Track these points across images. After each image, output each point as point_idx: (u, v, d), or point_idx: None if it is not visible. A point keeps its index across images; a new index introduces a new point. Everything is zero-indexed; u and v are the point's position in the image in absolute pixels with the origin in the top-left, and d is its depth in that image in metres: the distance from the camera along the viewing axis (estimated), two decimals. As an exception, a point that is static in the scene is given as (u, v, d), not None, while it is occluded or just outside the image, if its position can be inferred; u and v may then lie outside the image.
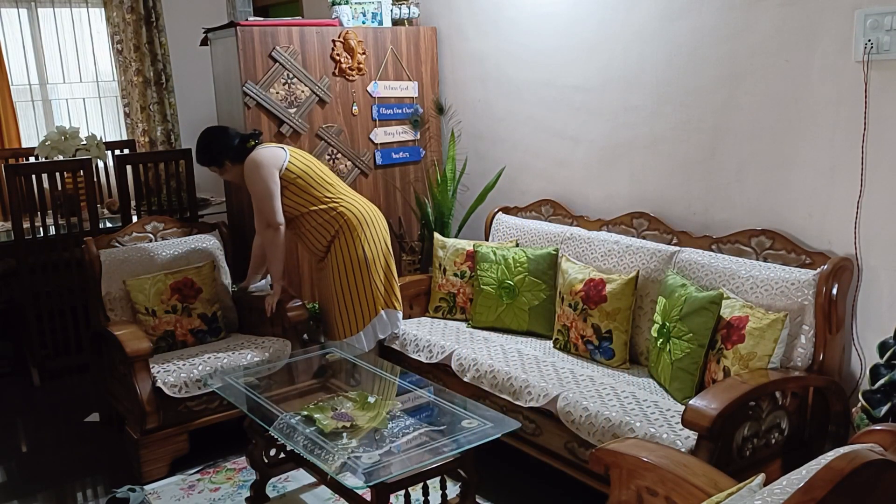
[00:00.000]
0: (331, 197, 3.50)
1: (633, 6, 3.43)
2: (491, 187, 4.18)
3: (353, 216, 3.48)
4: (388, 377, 2.97)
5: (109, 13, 5.34)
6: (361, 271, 3.48)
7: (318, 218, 3.48)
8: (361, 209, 3.53)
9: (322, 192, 3.49)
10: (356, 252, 3.46)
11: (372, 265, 3.50)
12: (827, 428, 2.67)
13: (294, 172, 3.45)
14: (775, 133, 2.98)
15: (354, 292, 3.48)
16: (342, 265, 3.47)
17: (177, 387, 3.23)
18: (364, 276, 3.48)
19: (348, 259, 3.47)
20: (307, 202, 3.47)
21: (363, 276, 3.48)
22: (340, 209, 3.48)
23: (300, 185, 3.46)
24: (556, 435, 2.84)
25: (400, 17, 4.46)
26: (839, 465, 1.34)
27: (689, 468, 1.90)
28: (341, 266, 3.47)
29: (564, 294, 3.31)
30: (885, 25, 2.57)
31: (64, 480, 3.37)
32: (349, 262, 3.47)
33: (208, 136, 3.56)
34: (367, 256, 3.48)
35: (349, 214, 3.47)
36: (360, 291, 3.48)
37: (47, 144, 4.67)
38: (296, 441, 2.44)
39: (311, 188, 3.47)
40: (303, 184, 3.46)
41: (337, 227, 3.46)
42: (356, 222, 3.47)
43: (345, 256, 3.47)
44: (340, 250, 3.47)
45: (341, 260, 3.47)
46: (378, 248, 3.53)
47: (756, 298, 2.77)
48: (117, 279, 3.61)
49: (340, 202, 3.50)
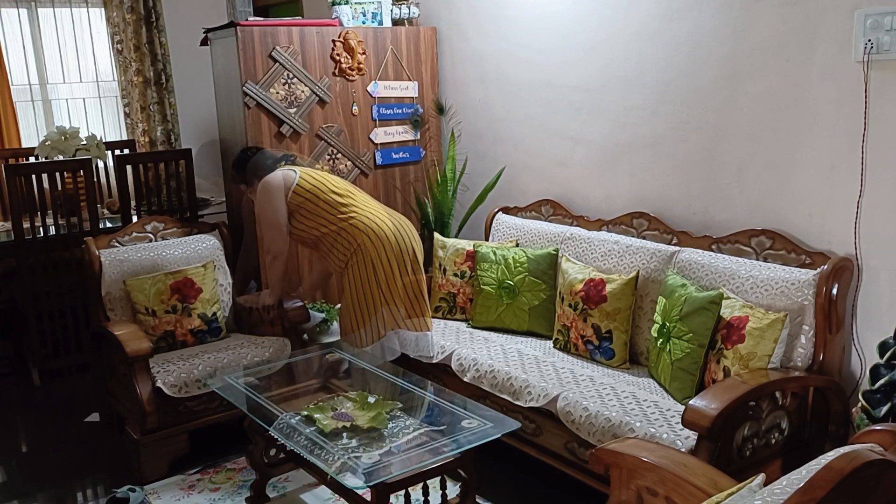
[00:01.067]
0: (344, 217, 3.35)
1: (633, 6, 3.43)
2: (491, 187, 4.18)
3: (368, 238, 3.32)
4: (388, 377, 2.97)
5: (109, 13, 5.34)
6: (373, 293, 3.34)
7: (334, 241, 3.37)
8: (380, 226, 3.35)
9: (335, 212, 3.36)
10: (369, 273, 3.32)
11: (385, 287, 3.34)
12: (827, 428, 2.66)
13: (302, 195, 3.37)
14: (775, 133, 2.98)
15: (365, 311, 3.35)
16: (356, 284, 3.34)
17: (177, 387, 3.23)
18: (376, 298, 3.34)
19: (362, 280, 3.33)
20: (320, 224, 3.38)
21: (375, 297, 3.34)
22: (354, 231, 3.33)
23: (309, 209, 3.38)
24: (556, 435, 2.84)
25: (400, 17, 4.46)
26: (839, 465, 1.34)
27: (689, 468, 1.90)
28: (356, 284, 3.34)
29: (564, 294, 3.31)
30: (885, 25, 2.57)
31: (64, 480, 3.37)
32: (362, 282, 3.33)
33: (244, 156, 3.57)
34: (379, 278, 3.32)
35: (364, 237, 3.32)
36: (371, 311, 3.35)
37: (47, 144, 4.67)
38: (296, 441, 2.44)
39: (321, 210, 3.37)
40: (312, 206, 3.37)
41: (352, 249, 3.33)
42: (370, 243, 3.31)
43: (359, 276, 3.33)
44: (354, 270, 3.34)
45: (355, 279, 3.34)
46: (396, 269, 3.35)
47: (756, 298, 2.77)
48: (117, 279, 3.61)
49: (354, 221, 3.34)
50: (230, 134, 4.12)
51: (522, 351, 3.28)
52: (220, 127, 4.28)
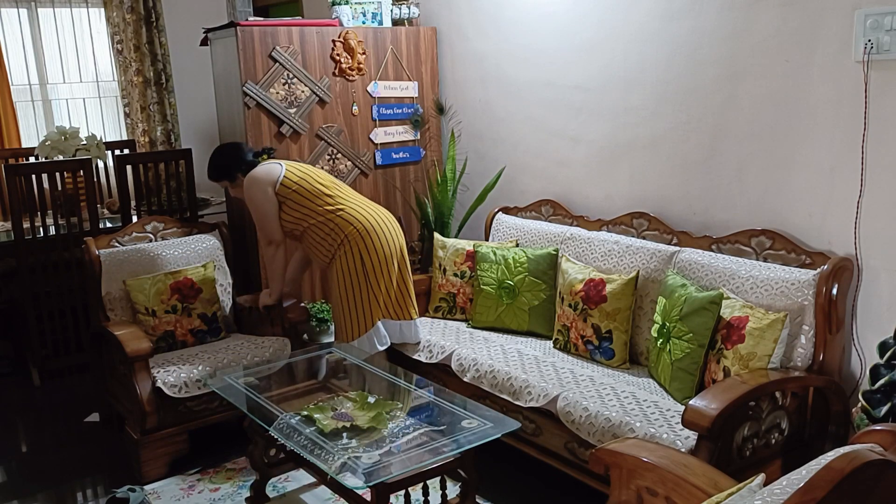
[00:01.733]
0: (331, 209, 3.38)
1: (633, 6, 3.43)
2: (491, 187, 4.18)
3: (355, 228, 3.35)
4: (388, 377, 2.97)
5: (109, 13, 5.34)
6: (360, 284, 3.36)
7: (320, 232, 3.38)
8: (367, 218, 3.39)
9: (322, 203, 3.39)
10: (357, 264, 3.35)
11: (372, 276, 3.37)
12: (827, 428, 2.66)
13: (289, 187, 3.39)
14: (775, 133, 2.98)
15: (353, 302, 3.38)
16: (343, 276, 3.37)
17: (177, 387, 3.23)
18: (363, 288, 3.37)
19: (348, 271, 3.36)
20: (306, 216, 3.39)
21: (362, 288, 3.37)
22: (341, 221, 3.36)
23: (297, 200, 3.39)
24: (556, 435, 2.84)
25: (400, 17, 4.46)
26: (839, 465, 1.34)
27: (689, 468, 1.90)
28: (342, 277, 3.37)
29: (564, 294, 3.31)
30: (885, 25, 2.57)
31: (64, 480, 3.37)
32: (349, 273, 3.36)
33: (221, 151, 3.61)
34: (367, 268, 3.36)
35: (350, 228, 3.35)
36: (359, 302, 3.38)
37: (47, 144, 4.68)
38: (296, 441, 2.44)
39: (307, 201, 3.39)
40: (299, 198, 3.39)
41: (339, 240, 3.35)
42: (357, 235, 3.34)
43: (345, 268, 3.36)
44: (341, 261, 3.36)
45: (342, 271, 3.36)
46: (383, 258, 3.39)
47: (756, 298, 2.77)
48: (117, 279, 3.61)
49: (342, 213, 3.38)
50: (230, 134, 4.11)
51: (522, 351, 3.28)
52: (220, 127, 4.27)
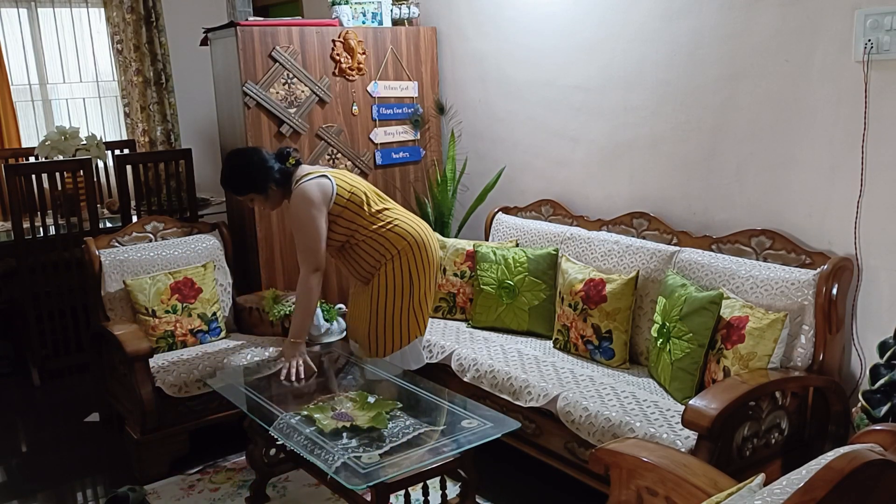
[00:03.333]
0: (383, 223, 3.14)
1: (633, 6, 3.43)
2: (491, 187, 4.18)
3: (408, 243, 3.13)
4: (388, 377, 2.96)
5: (109, 13, 5.34)
6: (403, 299, 3.16)
7: (368, 247, 3.14)
8: (417, 231, 3.18)
9: (373, 219, 3.14)
10: (404, 279, 3.14)
11: (417, 292, 3.18)
12: (827, 428, 2.66)
13: (341, 204, 3.08)
14: (775, 133, 2.98)
15: (392, 318, 3.17)
16: (386, 290, 3.15)
17: (177, 387, 3.23)
18: (405, 304, 3.16)
19: (394, 286, 3.14)
20: (356, 231, 3.13)
21: (404, 303, 3.17)
22: (394, 237, 3.13)
23: (348, 217, 3.10)
24: (556, 435, 2.84)
25: (400, 17, 4.46)
26: (839, 465, 1.34)
27: (689, 468, 1.90)
28: (384, 291, 3.14)
29: (564, 294, 3.31)
30: (885, 25, 2.57)
31: (64, 480, 3.37)
32: (394, 288, 3.15)
33: (249, 161, 3.12)
34: (413, 284, 3.16)
35: (404, 243, 3.13)
36: (398, 318, 3.18)
37: (47, 144, 4.68)
38: (296, 441, 2.44)
39: (359, 217, 3.11)
40: (351, 214, 3.10)
41: (390, 256, 3.13)
42: (409, 249, 3.13)
43: (390, 283, 3.14)
44: (388, 276, 3.13)
45: (385, 286, 3.14)
46: (430, 273, 3.20)
47: (756, 298, 2.77)
48: (117, 279, 3.61)
49: (395, 227, 3.15)
50: (230, 134, 4.12)
51: (522, 351, 3.28)
52: (220, 127, 4.27)
